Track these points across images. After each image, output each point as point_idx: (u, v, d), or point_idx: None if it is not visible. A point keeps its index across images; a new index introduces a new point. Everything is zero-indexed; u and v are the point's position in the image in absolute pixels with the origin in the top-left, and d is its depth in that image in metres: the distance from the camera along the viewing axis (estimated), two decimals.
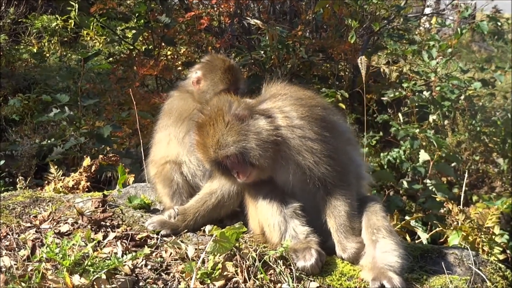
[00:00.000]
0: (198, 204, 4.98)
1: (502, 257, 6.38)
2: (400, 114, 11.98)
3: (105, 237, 4.68)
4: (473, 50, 21.97)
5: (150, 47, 12.24)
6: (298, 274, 4.39)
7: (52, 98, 10.22)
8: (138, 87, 11.23)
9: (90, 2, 14.75)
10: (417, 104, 11.59)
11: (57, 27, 16.28)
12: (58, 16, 16.37)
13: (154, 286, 4.14)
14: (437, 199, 7.94)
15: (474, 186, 12.09)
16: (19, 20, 15.88)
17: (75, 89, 11.99)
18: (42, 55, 15.48)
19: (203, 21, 11.58)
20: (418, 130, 10.41)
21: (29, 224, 4.86)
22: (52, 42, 16.33)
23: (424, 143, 10.51)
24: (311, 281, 4.38)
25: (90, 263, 4.08)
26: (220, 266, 4.27)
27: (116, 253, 4.39)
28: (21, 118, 12.17)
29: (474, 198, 11.13)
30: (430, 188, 9.88)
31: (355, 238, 4.60)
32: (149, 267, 4.32)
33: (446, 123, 11.64)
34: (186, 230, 4.89)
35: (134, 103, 8.23)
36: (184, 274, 4.25)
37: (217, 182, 4.99)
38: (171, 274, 4.30)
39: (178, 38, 12.51)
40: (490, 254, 6.28)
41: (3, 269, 3.96)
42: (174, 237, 4.79)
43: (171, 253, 4.49)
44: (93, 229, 4.82)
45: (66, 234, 4.74)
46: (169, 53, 13.28)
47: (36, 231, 4.71)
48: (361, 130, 10.58)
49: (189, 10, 12.14)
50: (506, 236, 6.87)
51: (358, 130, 10.89)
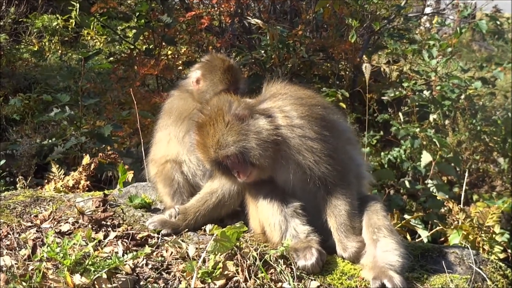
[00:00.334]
0: (199, 203, 4.99)
1: (502, 256, 6.38)
2: (400, 114, 11.99)
3: (105, 236, 4.68)
4: (473, 49, 21.96)
5: (150, 47, 12.24)
6: (298, 273, 4.39)
7: (52, 97, 10.22)
8: (138, 87, 11.23)
9: (91, 1, 14.77)
10: (417, 103, 11.60)
11: (57, 27, 16.27)
12: (58, 15, 16.36)
13: (155, 285, 4.14)
14: (437, 198, 7.94)
15: (474, 185, 12.10)
16: (20, 19, 15.88)
17: (76, 88, 12.00)
18: (42, 55, 15.48)
19: (204, 20, 11.58)
20: (418, 130, 10.42)
21: (29, 223, 4.87)
22: (52, 41, 16.32)
23: (424, 143, 10.51)
24: (312, 280, 4.38)
25: (91, 263, 4.08)
26: (220, 265, 4.27)
27: (117, 252, 4.40)
28: (21, 117, 12.18)
29: (475, 197, 11.14)
30: (431, 188, 9.89)
31: (356, 237, 4.60)
32: (150, 267, 4.33)
33: (447, 123, 11.65)
34: (186, 230, 4.89)
35: (135, 103, 8.23)
36: (185, 273, 4.25)
37: (217, 181, 5.00)
38: (172, 273, 4.30)
39: (178, 37, 12.51)
40: (490, 253, 6.28)
41: (4, 268, 3.96)
42: (175, 236, 4.80)
43: (172, 252, 4.49)
44: (93, 228, 4.82)
45: (66, 233, 4.74)
46: (169, 52, 13.29)
47: (36, 231, 4.71)
48: (361, 129, 10.58)
49: (189, 10, 12.13)
50: (506, 235, 6.88)
51: (358, 130, 10.89)
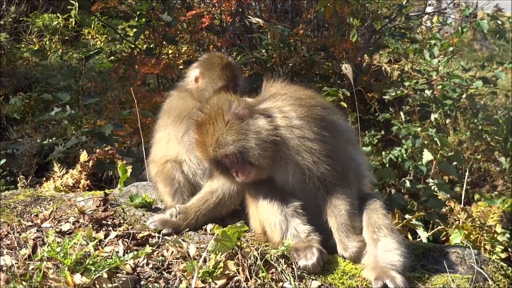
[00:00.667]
0: (200, 203, 4.99)
1: (504, 255, 6.37)
2: (401, 113, 11.99)
3: (106, 236, 4.67)
4: (474, 48, 21.97)
5: (151, 46, 12.23)
6: (299, 273, 4.39)
7: (53, 96, 10.22)
8: (139, 86, 11.21)
9: (91, 0, 14.73)
10: (418, 102, 11.60)
11: (58, 26, 16.25)
12: (59, 14, 16.33)
13: (156, 285, 4.14)
14: (438, 197, 7.93)
15: (475, 185, 12.09)
16: (20, 18, 15.87)
17: (76, 87, 12.01)
18: (43, 54, 15.47)
19: (205, 19, 11.56)
20: (419, 129, 10.41)
21: (30, 223, 4.86)
22: (53, 40, 16.31)
23: (426, 142, 10.50)
24: (313, 280, 4.38)
25: (91, 262, 4.08)
26: (221, 265, 4.27)
27: (117, 252, 4.39)
28: (22, 117, 12.17)
29: (476, 196, 11.14)
30: (432, 187, 9.89)
31: (356, 237, 4.60)
32: (150, 266, 4.32)
33: (448, 122, 11.65)
34: (187, 229, 4.89)
35: (136, 102, 8.22)
36: (185, 273, 4.25)
37: (217, 181, 5.00)
38: (173, 273, 4.30)
39: (179, 36, 12.50)
40: (492, 253, 6.27)
41: (4, 268, 3.96)
42: (175, 235, 4.79)
43: (173, 252, 4.49)
44: (94, 228, 4.82)
45: (67, 233, 4.74)
46: (170, 51, 13.27)
47: (37, 230, 4.70)
48: (362, 128, 10.58)
49: (190, 9, 12.11)
50: (507, 234, 6.86)
51: (359, 129, 10.88)
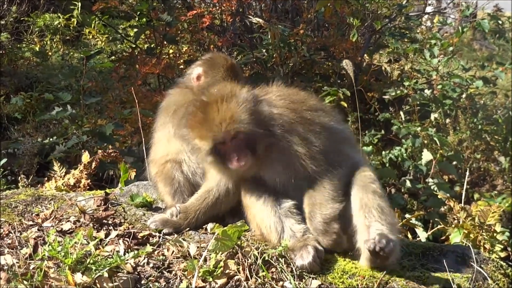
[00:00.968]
0: (198, 201, 4.99)
1: (503, 254, 6.38)
2: (401, 112, 11.99)
3: (107, 235, 4.69)
4: (474, 48, 21.96)
5: (152, 46, 12.24)
6: (299, 272, 4.40)
7: (54, 96, 10.23)
8: (140, 86, 11.22)
9: (92, 0, 14.75)
10: (418, 102, 11.60)
11: (59, 26, 16.28)
12: (60, 14, 16.36)
13: (156, 284, 4.15)
14: (438, 197, 7.94)
15: (475, 184, 12.10)
16: (21, 18, 15.89)
17: (77, 87, 12.01)
18: (44, 54, 15.49)
19: (205, 19, 11.57)
20: (419, 129, 10.41)
21: (31, 222, 4.87)
22: (54, 40, 16.33)
23: (426, 141, 10.51)
24: (313, 279, 4.39)
25: (92, 261, 4.09)
26: (222, 264, 4.28)
27: (118, 251, 4.40)
28: (23, 116, 12.19)
29: (476, 196, 11.15)
30: (432, 187, 9.89)
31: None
32: (151, 265, 4.33)
33: (448, 122, 11.65)
34: (188, 228, 4.90)
35: (136, 102, 8.23)
36: (186, 272, 4.26)
37: (212, 180, 4.99)
38: (173, 272, 4.31)
39: (180, 36, 12.51)
40: (491, 252, 6.28)
41: (5, 267, 3.98)
42: (176, 235, 4.80)
43: (173, 251, 4.50)
44: (95, 227, 4.83)
45: (68, 232, 4.75)
46: (171, 51, 13.29)
47: (38, 229, 4.72)
48: (362, 128, 10.59)
49: (191, 9, 12.12)
50: (507, 233, 6.87)
51: (360, 128, 10.89)
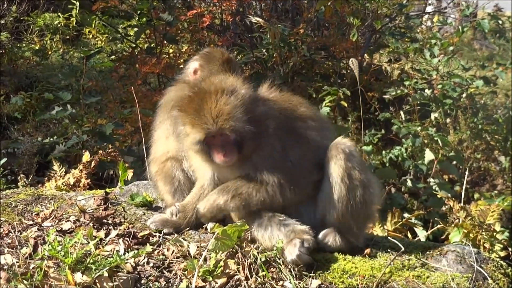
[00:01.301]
0: (194, 199, 4.96)
1: (503, 254, 6.39)
2: (402, 112, 12.01)
3: (107, 234, 4.69)
4: (474, 48, 21.96)
5: (152, 45, 12.24)
6: (296, 270, 4.40)
7: (54, 96, 10.22)
8: (140, 85, 11.22)
9: (92, 0, 14.75)
10: (418, 102, 11.61)
11: (59, 25, 16.26)
12: (60, 14, 16.35)
13: (156, 283, 4.15)
14: (438, 196, 7.95)
15: (475, 184, 12.11)
16: (22, 18, 15.88)
17: (77, 87, 12.00)
18: (44, 53, 15.48)
19: (205, 19, 11.58)
20: (419, 128, 10.42)
21: (31, 222, 4.87)
22: (54, 40, 16.31)
23: (426, 141, 10.52)
24: (313, 279, 4.38)
25: (92, 261, 4.09)
26: (222, 263, 4.27)
27: (118, 250, 4.40)
28: (23, 116, 12.19)
29: (476, 195, 11.15)
30: (433, 187, 9.90)
31: None
32: (151, 265, 4.33)
33: (448, 121, 11.67)
34: (188, 228, 4.90)
35: (136, 101, 8.22)
36: (186, 272, 4.26)
37: (202, 177, 4.97)
38: (173, 272, 4.31)
39: (180, 36, 12.51)
40: (491, 251, 6.29)
41: (5, 266, 3.98)
42: (176, 234, 4.80)
43: (173, 251, 4.50)
44: (95, 226, 4.83)
45: (68, 231, 4.75)
46: (171, 51, 13.29)
47: (38, 229, 4.72)
48: (362, 128, 10.60)
49: (191, 8, 12.13)
50: (506, 233, 6.88)
51: (360, 128, 10.90)
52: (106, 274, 4.03)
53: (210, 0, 12.93)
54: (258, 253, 4.40)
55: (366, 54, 12.92)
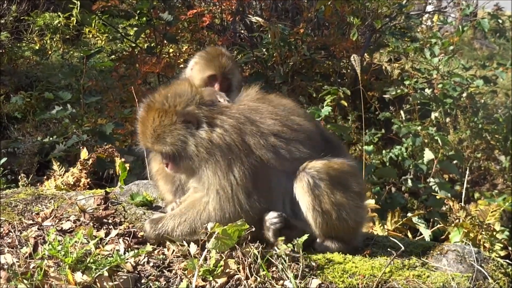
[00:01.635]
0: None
1: (503, 253, 6.39)
2: (402, 112, 12.00)
3: (107, 234, 4.68)
4: (474, 47, 21.96)
5: (152, 45, 12.25)
6: (300, 271, 4.40)
7: (54, 95, 10.23)
8: (140, 85, 11.22)
9: None
10: (419, 101, 11.61)
11: (59, 25, 16.25)
12: (60, 13, 16.34)
13: (156, 283, 4.14)
14: (437, 197, 7.95)
15: (476, 183, 12.11)
16: (21, 17, 15.87)
17: (78, 86, 12.00)
18: (44, 53, 15.47)
19: (205, 18, 11.59)
20: (420, 128, 10.42)
21: (31, 221, 4.87)
22: (54, 39, 16.31)
23: (426, 141, 10.52)
24: (314, 278, 4.38)
25: (92, 260, 4.08)
26: (222, 263, 4.27)
27: (118, 250, 4.40)
28: (23, 115, 12.19)
29: (476, 195, 11.15)
30: (434, 186, 9.89)
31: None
32: (151, 264, 4.33)
33: (448, 121, 11.66)
34: None
35: (136, 101, 8.19)
36: (186, 271, 4.26)
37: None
38: (173, 271, 4.31)
39: (180, 35, 12.52)
40: (491, 251, 6.29)
41: (6, 266, 3.97)
42: None
43: (173, 250, 4.50)
44: (95, 226, 4.83)
45: (68, 231, 4.75)
46: (171, 50, 13.30)
47: (38, 229, 4.71)
48: (362, 127, 10.61)
49: (191, 8, 12.13)
50: (506, 232, 6.88)
51: (360, 127, 10.90)
52: (106, 274, 4.02)
53: None
54: (258, 252, 4.40)
55: (366, 54, 12.93)
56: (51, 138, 9.79)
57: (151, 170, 5.65)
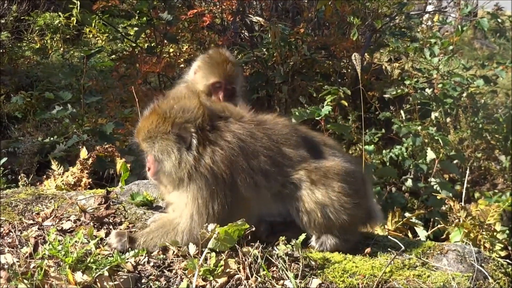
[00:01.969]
0: None
1: (503, 253, 6.39)
2: (402, 111, 11.99)
3: (107, 234, 4.69)
4: (475, 47, 21.97)
5: (152, 45, 12.26)
6: (300, 271, 4.40)
7: (54, 95, 10.22)
8: (140, 85, 11.23)
9: None
10: (419, 101, 11.60)
11: (59, 25, 16.26)
12: (60, 13, 16.35)
13: (157, 283, 4.14)
14: (438, 197, 7.94)
15: (476, 183, 12.10)
16: (22, 17, 15.89)
17: (78, 86, 12.01)
18: (44, 53, 15.49)
19: (206, 18, 11.59)
20: (420, 128, 10.41)
21: (31, 221, 4.87)
22: (54, 39, 16.31)
23: (426, 140, 10.51)
24: (314, 278, 4.38)
25: (92, 260, 4.08)
26: (222, 263, 4.27)
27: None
28: (23, 115, 12.19)
29: (476, 195, 11.14)
30: (435, 186, 9.89)
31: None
32: (151, 264, 4.33)
33: (448, 120, 11.66)
34: None
35: (137, 101, 8.23)
36: (186, 271, 4.26)
37: None
38: (174, 271, 4.31)
39: (180, 35, 12.53)
40: (491, 251, 6.29)
41: (6, 266, 3.97)
42: None
43: (174, 250, 4.50)
44: (95, 226, 4.83)
45: (68, 231, 4.75)
46: (171, 50, 13.30)
47: (38, 228, 4.71)
48: (362, 127, 10.60)
49: (191, 8, 12.15)
50: (507, 232, 6.88)
51: (360, 127, 10.90)
52: (106, 274, 4.02)
53: None
54: (258, 252, 4.40)
55: (366, 54, 12.93)
56: (52, 138, 9.78)
57: None
